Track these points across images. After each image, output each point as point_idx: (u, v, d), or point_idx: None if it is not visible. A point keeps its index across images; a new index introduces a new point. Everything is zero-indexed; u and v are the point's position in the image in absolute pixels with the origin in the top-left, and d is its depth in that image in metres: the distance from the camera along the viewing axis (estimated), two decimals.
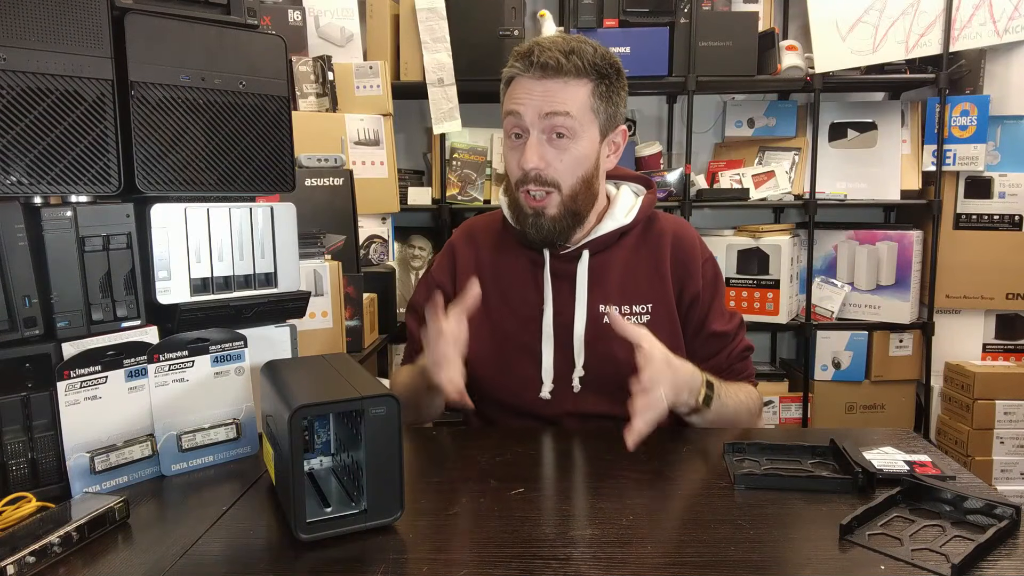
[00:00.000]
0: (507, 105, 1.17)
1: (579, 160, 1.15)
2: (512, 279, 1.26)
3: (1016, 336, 2.70)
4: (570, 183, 1.16)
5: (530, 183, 1.15)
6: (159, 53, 0.96)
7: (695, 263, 1.26)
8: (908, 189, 2.66)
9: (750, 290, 2.64)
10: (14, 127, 0.85)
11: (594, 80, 1.14)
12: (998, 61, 2.58)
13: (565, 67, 1.11)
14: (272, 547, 0.77)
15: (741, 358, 1.28)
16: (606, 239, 1.23)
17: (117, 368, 0.93)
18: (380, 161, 2.37)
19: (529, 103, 1.13)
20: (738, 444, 1.01)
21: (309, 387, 0.83)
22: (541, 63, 1.11)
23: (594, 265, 1.23)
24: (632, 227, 1.25)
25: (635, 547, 0.75)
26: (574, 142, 1.14)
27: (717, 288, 1.28)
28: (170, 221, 0.98)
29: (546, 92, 1.12)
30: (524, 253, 1.26)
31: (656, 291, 1.23)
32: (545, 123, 1.13)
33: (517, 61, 1.14)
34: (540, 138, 1.14)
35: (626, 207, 1.26)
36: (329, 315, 1.58)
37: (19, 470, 0.88)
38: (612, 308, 1.18)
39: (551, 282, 1.22)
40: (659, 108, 2.93)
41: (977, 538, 0.73)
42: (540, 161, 1.14)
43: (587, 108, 1.14)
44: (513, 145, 1.18)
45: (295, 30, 2.35)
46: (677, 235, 1.27)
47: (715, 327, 1.25)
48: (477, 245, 1.31)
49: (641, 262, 1.25)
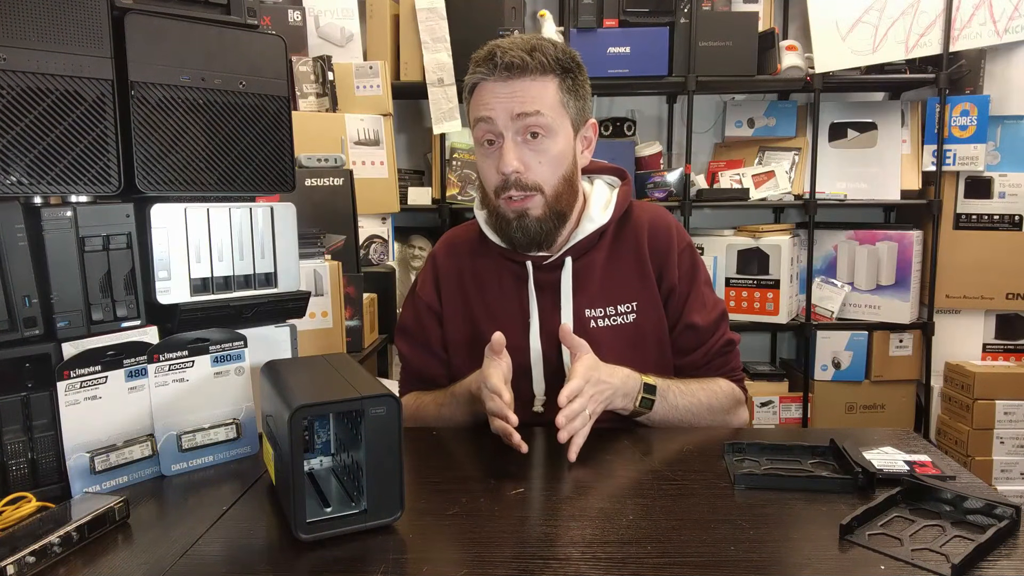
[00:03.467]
0: (475, 112, 1.14)
1: (558, 159, 1.14)
2: (496, 293, 1.23)
3: (1016, 336, 2.70)
4: (552, 183, 1.14)
5: (511, 188, 1.12)
6: (159, 53, 0.96)
7: (671, 253, 1.22)
8: (908, 189, 2.66)
9: (750, 290, 2.64)
10: (14, 127, 0.85)
11: (559, 75, 1.13)
12: (998, 61, 2.58)
13: (530, 65, 1.10)
14: (272, 547, 0.77)
15: (721, 353, 1.24)
16: (586, 242, 1.20)
17: (117, 368, 0.93)
18: (380, 161, 2.37)
19: (499, 106, 1.10)
20: (738, 444, 1.01)
21: (309, 387, 0.83)
22: (506, 63, 1.09)
23: (576, 270, 1.20)
24: (609, 223, 1.21)
25: (635, 547, 0.75)
26: (550, 140, 1.12)
27: (696, 278, 1.24)
28: (170, 221, 0.98)
29: (514, 92, 1.10)
30: (506, 266, 1.23)
31: (639, 287, 1.21)
32: (519, 124, 1.11)
33: (480, 66, 1.12)
34: (515, 140, 1.12)
35: (601, 203, 1.22)
36: (329, 315, 1.58)
37: (19, 470, 0.88)
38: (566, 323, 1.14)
39: (535, 294, 1.20)
40: (659, 108, 2.93)
41: (977, 538, 0.73)
42: (519, 164, 1.11)
43: (557, 104, 1.12)
44: (487, 152, 1.15)
45: (295, 30, 2.35)
46: (652, 225, 1.24)
47: (692, 319, 1.22)
48: (459, 258, 1.28)
49: (621, 259, 1.22)
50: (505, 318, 1.21)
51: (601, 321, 1.20)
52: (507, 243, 1.20)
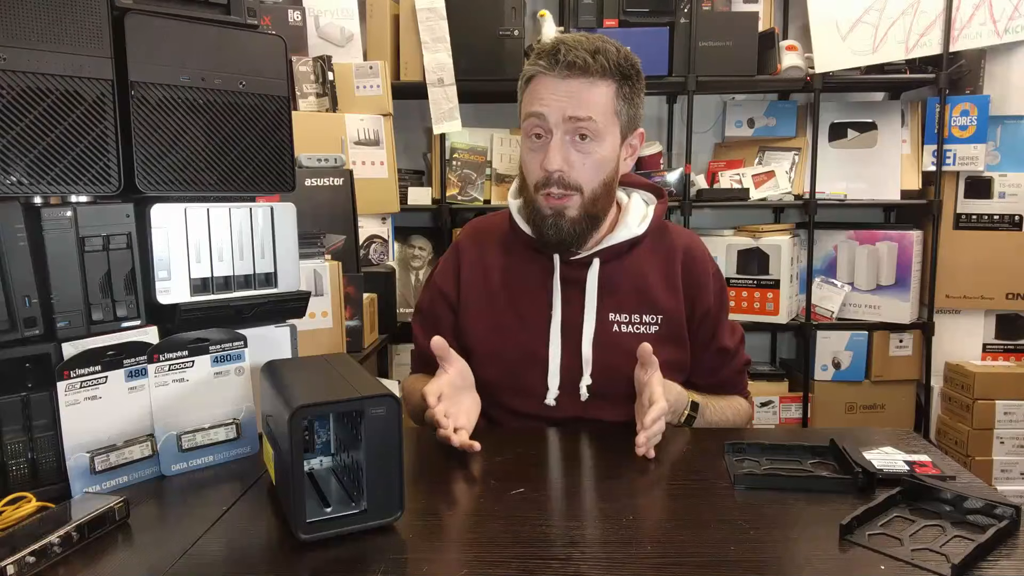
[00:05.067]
0: (529, 105, 1.14)
1: (601, 163, 1.14)
2: (520, 283, 1.24)
3: (1016, 336, 2.70)
4: (592, 186, 1.15)
5: (552, 185, 1.13)
6: (159, 53, 0.96)
7: (706, 278, 1.26)
8: (908, 189, 2.66)
9: (750, 290, 2.64)
10: (14, 127, 0.85)
11: (617, 81, 1.12)
12: (998, 61, 2.58)
13: (592, 67, 1.09)
14: (272, 547, 0.77)
15: (740, 372, 1.31)
16: (617, 248, 1.22)
17: (117, 368, 0.93)
18: (380, 161, 2.37)
19: (554, 103, 1.10)
20: (738, 444, 1.01)
21: (309, 387, 0.83)
22: (568, 62, 1.09)
23: (604, 273, 1.21)
24: (643, 237, 1.24)
25: (635, 547, 0.75)
26: (597, 144, 1.13)
27: (724, 302, 1.29)
28: (170, 221, 0.98)
29: (571, 92, 1.10)
30: (533, 258, 1.24)
31: (667, 303, 1.23)
32: (569, 125, 1.11)
33: (541, 59, 1.11)
34: (564, 140, 1.12)
35: (638, 216, 1.25)
36: (329, 315, 1.58)
37: (19, 470, 0.88)
38: (646, 345, 1.10)
39: (560, 288, 1.21)
40: (659, 108, 2.93)
41: (977, 538, 0.73)
42: (564, 163, 1.12)
43: (610, 110, 1.13)
44: (534, 146, 1.15)
45: (295, 30, 2.35)
46: (689, 249, 1.27)
47: (723, 343, 1.27)
48: (484, 247, 1.29)
49: (653, 273, 1.24)
50: (527, 308, 1.23)
51: (625, 327, 1.21)
52: (538, 237, 1.21)
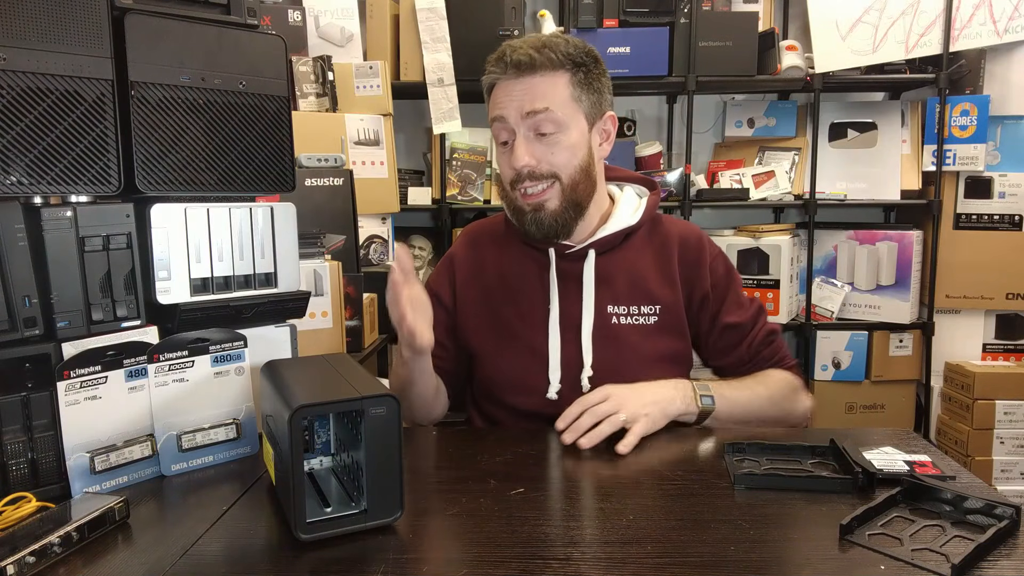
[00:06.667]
0: (491, 112, 1.18)
1: (571, 149, 1.16)
2: (517, 280, 1.26)
3: (1016, 336, 2.69)
4: (568, 171, 1.16)
5: (524, 181, 1.16)
6: (159, 53, 0.96)
7: (703, 264, 1.26)
8: (908, 189, 2.66)
9: (750, 290, 2.64)
10: (14, 127, 0.85)
11: (570, 70, 1.15)
12: (998, 61, 2.58)
13: (538, 61, 1.12)
14: (272, 547, 0.77)
15: (767, 343, 1.27)
16: (611, 239, 1.23)
17: (117, 368, 0.93)
18: (380, 161, 2.37)
19: (510, 104, 1.14)
20: (738, 444, 1.01)
21: (309, 387, 0.83)
22: (515, 62, 1.12)
23: (600, 265, 1.23)
24: (637, 228, 1.25)
25: (635, 547, 0.75)
26: (562, 134, 1.15)
27: (730, 282, 1.28)
28: (170, 221, 0.98)
29: (524, 89, 1.13)
30: (529, 254, 1.26)
31: (664, 294, 1.24)
32: (529, 121, 1.14)
33: (493, 66, 1.16)
34: (527, 136, 1.15)
35: (631, 208, 1.27)
36: (329, 315, 1.58)
37: (19, 470, 0.88)
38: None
39: (557, 282, 1.22)
40: (659, 108, 2.93)
41: (977, 538, 0.73)
42: (530, 159, 1.14)
43: (568, 99, 1.15)
44: (503, 150, 1.19)
45: (295, 30, 2.35)
46: (684, 238, 1.28)
47: (729, 319, 1.25)
48: (479, 248, 1.31)
49: (648, 264, 1.25)
50: (525, 304, 1.24)
51: (623, 319, 1.22)
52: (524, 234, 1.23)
